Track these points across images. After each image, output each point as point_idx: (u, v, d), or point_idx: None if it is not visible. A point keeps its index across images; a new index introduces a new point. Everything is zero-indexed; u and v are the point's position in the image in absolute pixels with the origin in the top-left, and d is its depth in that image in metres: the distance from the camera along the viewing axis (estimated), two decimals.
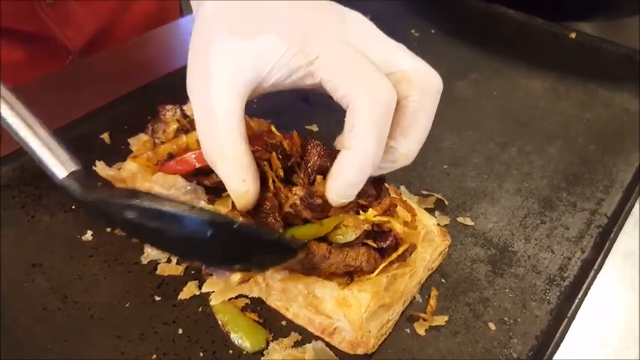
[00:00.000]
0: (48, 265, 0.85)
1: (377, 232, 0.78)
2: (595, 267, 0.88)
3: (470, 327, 0.79)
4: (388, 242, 0.76)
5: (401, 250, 0.75)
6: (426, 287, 0.84)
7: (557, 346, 0.77)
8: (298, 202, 0.77)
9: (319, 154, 0.84)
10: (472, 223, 0.95)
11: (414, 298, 0.82)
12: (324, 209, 0.76)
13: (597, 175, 1.08)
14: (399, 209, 0.81)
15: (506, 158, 1.11)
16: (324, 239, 0.77)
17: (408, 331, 0.78)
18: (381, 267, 0.75)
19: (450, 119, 1.21)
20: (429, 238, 0.84)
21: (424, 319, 0.79)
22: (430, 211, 0.94)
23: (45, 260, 0.86)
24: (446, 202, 0.98)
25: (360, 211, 0.78)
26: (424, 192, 1.00)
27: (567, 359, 0.77)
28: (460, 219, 0.96)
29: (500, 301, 0.83)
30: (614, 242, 0.93)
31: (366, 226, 0.75)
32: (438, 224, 0.89)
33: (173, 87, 1.37)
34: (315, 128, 1.17)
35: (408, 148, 0.78)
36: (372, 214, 0.75)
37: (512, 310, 0.82)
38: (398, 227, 0.76)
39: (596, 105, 1.29)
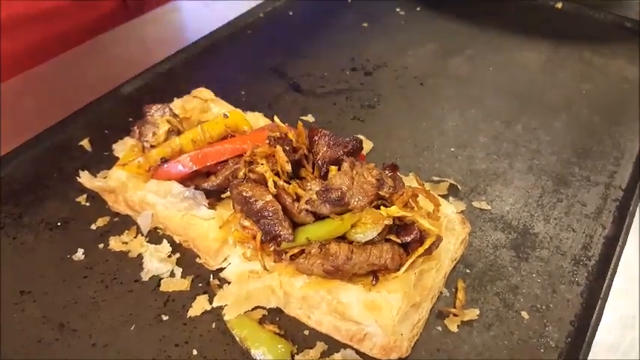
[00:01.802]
0: (38, 292, 0.77)
1: (399, 226, 0.73)
2: (619, 243, 0.84)
3: (502, 318, 0.75)
4: (412, 236, 0.71)
5: (428, 243, 0.70)
6: (452, 280, 0.79)
7: (595, 330, 0.73)
8: (315, 197, 0.71)
9: (328, 145, 0.78)
10: (489, 207, 0.91)
11: (441, 292, 0.77)
12: (344, 203, 0.70)
13: (606, 147, 1.04)
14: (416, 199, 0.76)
15: (513, 136, 1.06)
16: (342, 238, 0.72)
17: (439, 329, 0.73)
18: (407, 263, 0.70)
19: (451, 98, 1.16)
20: (450, 227, 0.80)
21: (455, 315, 0.74)
22: (444, 197, 0.89)
23: (34, 286, 0.77)
24: (459, 187, 0.93)
25: (381, 206, 0.72)
26: (435, 178, 0.95)
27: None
28: (476, 203, 0.91)
29: (529, 288, 0.79)
30: (634, 216, 0.89)
31: (387, 221, 0.69)
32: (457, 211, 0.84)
33: (152, 84, 1.30)
34: (310, 119, 1.10)
35: None
36: (395, 209, 0.69)
37: (543, 296, 0.78)
38: (422, 219, 0.70)
39: (594, 75, 1.25)
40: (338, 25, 1.46)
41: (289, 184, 0.76)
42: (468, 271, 0.81)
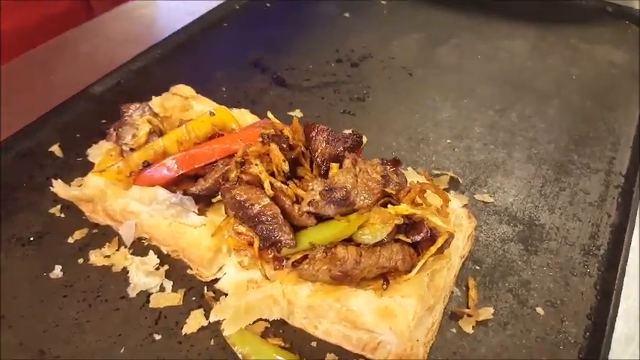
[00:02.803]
0: (13, 316, 0.69)
1: (407, 225, 0.68)
2: (627, 232, 0.82)
3: (518, 315, 0.71)
4: (423, 235, 0.67)
5: (440, 241, 0.66)
6: (461, 278, 0.75)
7: (613, 323, 0.70)
8: (318, 197, 0.65)
9: (327, 140, 0.73)
10: (492, 200, 0.87)
11: (452, 292, 0.73)
12: (349, 202, 0.65)
13: (601, 133, 1.02)
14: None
15: (509, 125, 1.03)
16: (348, 240, 0.67)
17: (454, 331, 0.69)
18: (420, 264, 0.65)
19: (441, 88, 1.12)
20: (457, 223, 0.75)
21: (469, 315, 0.70)
22: (445, 191, 0.85)
23: (8, 310, 0.70)
24: (460, 180, 0.90)
25: (388, 204, 0.67)
26: (435, 171, 0.90)
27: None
28: (478, 196, 0.87)
29: (541, 282, 0.75)
30: (638, 202, 0.87)
31: (398, 221, 0.65)
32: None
33: (125, 83, 1.22)
34: (298, 114, 1.04)
35: None
36: (404, 207, 0.65)
37: (556, 290, 0.75)
38: (432, 217, 0.66)
39: (582, 60, 1.23)
40: (318, 16, 1.40)
41: (287, 184, 0.71)
42: (477, 267, 0.77)
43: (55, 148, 0.94)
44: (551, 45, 1.28)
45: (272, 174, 0.71)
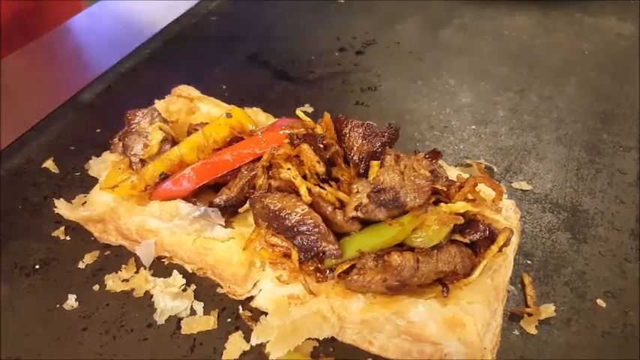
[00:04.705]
0: (28, 357, 0.61)
1: (462, 224, 0.62)
2: None
3: (579, 310, 0.67)
4: (480, 233, 0.61)
5: (502, 239, 0.60)
6: (514, 274, 0.70)
7: None
8: (366, 200, 0.59)
9: (362, 136, 0.67)
10: (530, 187, 0.82)
11: (508, 290, 0.68)
12: (400, 204, 0.59)
13: (625, 109, 0.99)
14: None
15: (531, 106, 0.99)
16: (400, 245, 0.61)
17: (517, 333, 0.64)
18: (482, 266, 0.60)
19: (455, 71, 1.07)
20: (506, 216, 0.70)
21: (529, 314, 0.65)
22: None
23: (21, 351, 0.61)
24: (494, 169, 0.85)
25: (440, 202, 0.62)
26: (467, 161, 0.85)
27: None
28: (515, 184, 0.83)
29: (596, 272, 0.71)
30: None
31: (458, 221, 0.59)
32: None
33: (115, 87, 1.12)
34: (308, 109, 0.97)
35: None
36: (462, 205, 0.59)
37: (613, 279, 0.70)
38: (491, 214, 0.60)
39: (590, 34, 1.20)
40: (312, 4, 1.33)
41: (324, 188, 0.64)
42: (529, 262, 0.72)
43: (49, 164, 0.85)
44: (555, 21, 1.25)
45: (304, 177, 0.65)
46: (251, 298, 0.67)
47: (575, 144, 0.91)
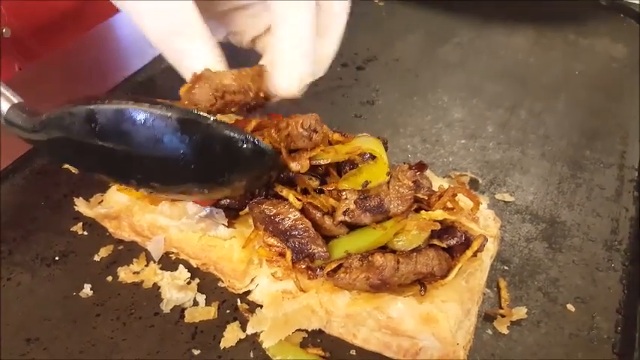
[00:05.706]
0: (47, 338, 0.68)
1: (440, 229, 0.69)
2: None
3: (549, 313, 0.72)
4: (457, 239, 0.67)
5: (475, 245, 0.67)
6: (491, 278, 0.76)
7: None
8: (354, 206, 0.66)
9: None
10: (512, 199, 0.88)
11: (484, 293, 0.74)
12: (384, 210, 0.65)
13: (611, 127, 1.05)
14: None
15: (520, 123, 1.05)
16: (383, 248, 0.67)
17: (489, 332, 0.70)
18: (457, 269, 0.66)
19: (450, 88, 1.13)
20: (484, 225, 0.76)
21: (502, 316, 0.71)
22: None
23: (42, 332, 0.69)
24: (480, 181, 0.91)
25: (420, 209, 0.68)
26: (455, 172, 0.91)
27: None
28: (499, 196, 0.89)
29: (569, 279, 0.77)
30: None
31: (435, 227, 0.65)
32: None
33: (131, 92, 1.20)
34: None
35: (327, 48, 0.82)
36: (440, 213, 0.65)
37: (584, 286, 0.76)
38: (467, 222, 0.66)
39: (583, 55, 1.26)
40: None
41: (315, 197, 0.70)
42: (506, 267, 0.78)
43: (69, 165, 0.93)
44: (551, 41, 1.31)
45: (304, 190, 0.71)
46: (248, 292, 0.74)
47: (559, 159, 0.97)
